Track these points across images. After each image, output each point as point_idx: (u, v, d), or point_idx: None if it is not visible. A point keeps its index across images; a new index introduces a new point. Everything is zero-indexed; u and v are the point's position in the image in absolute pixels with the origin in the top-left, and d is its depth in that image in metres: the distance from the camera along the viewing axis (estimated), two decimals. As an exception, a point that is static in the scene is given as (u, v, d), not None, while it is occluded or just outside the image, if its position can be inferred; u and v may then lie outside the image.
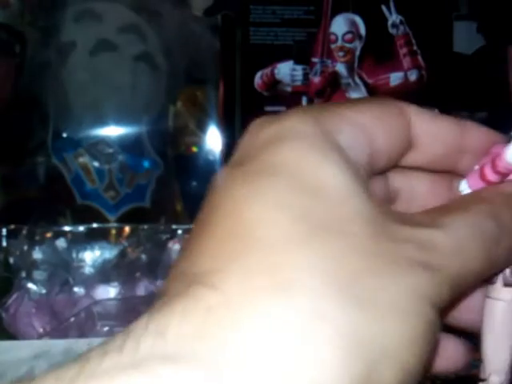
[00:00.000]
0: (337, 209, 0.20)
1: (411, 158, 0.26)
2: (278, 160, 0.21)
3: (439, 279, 0.20)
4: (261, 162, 0.21)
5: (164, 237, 0.74)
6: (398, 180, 0.27)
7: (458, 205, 0.24)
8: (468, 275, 0.22)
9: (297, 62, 0.79)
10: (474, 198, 0.25)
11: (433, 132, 0.25)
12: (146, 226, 0.76)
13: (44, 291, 0.67)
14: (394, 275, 0.20)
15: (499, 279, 0.26)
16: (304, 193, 0.20)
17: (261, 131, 0.22)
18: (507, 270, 0.26)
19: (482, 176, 0.26)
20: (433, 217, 0.22)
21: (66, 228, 0.74)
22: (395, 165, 0.26)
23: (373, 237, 0.20)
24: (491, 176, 0.26)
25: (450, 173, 0.27)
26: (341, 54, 0.80)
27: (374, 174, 0.25)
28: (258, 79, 0.79)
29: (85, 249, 0.71)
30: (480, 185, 0.26)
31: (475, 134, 0.26)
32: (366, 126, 0.23)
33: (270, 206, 0.20)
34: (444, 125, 0.26)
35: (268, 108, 0.79)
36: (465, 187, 0.27)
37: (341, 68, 0.79)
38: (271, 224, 0.19)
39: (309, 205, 0.20)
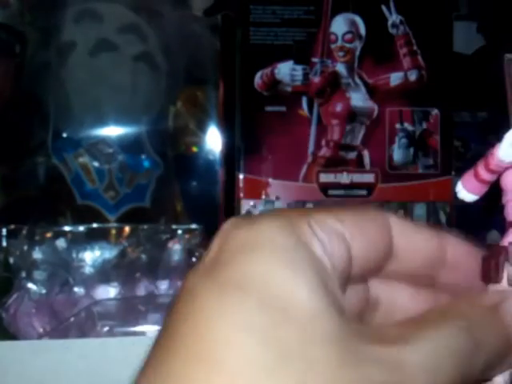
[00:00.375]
0: (303, 331, 0.20)
1: (392, 268, 0.26)
2: (247, 273, 0.21)
3: None
4: (231, 274, 0.21)
5: (164, 237, 0.74)
6: (379, 288, 0.27)
7: (434, 317, 0.23)
8: None
9: (297, 62, 0.79)
10: (452, 309, 0.24)
11: (413, 245, 0.26)
12: (145, 226, 0.76)
13: (44, 291, 0.66)
14: None
15: (504, 279, 0.26)
16: (272, 313, 0.20)
17: (233, 236, 0.22)
18: (511, 269, 0.26)
19: (476, 175, 0.26)
20: (405, 331, 0.22)
21: (66, 228, 0.74)
22: (376, 273, 0.26)
23: (337, 361, 0.20)
24: (484, 174, 0.26)
25: (431, 284, 0.27)
26: (341, 54, 0.80)
27: (354, 282, 0.25)
28: (258, 79, 0.79)
29: (85, 249, 0.71)
30: (474, 184, 0.27)
31: (455, 249, 0.26)
32: (344, 234, 0.23)
33: (237, 328, 0.19)
34: (425, 238, 0.26)
35: (268, 108, 0.79)
36: (460, 188, 0.27)
37: (341, 68, 0.79)
38: (237, 348, 0.19)
39: (275, 327, 0.20)
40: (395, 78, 0.80)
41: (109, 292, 0.68)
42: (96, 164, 0.80)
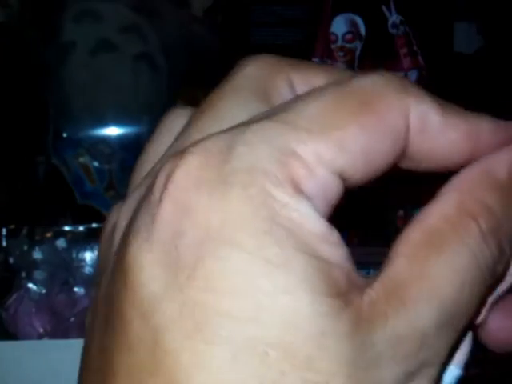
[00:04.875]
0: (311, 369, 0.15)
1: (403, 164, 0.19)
2: (225, 293, 0.15)
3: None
4: (201, 296, 0.15)
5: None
6: None
7: (434, 240, 0.17)
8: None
9: (297, 62, 0.79)
10: (462, 208, 0.17)
11: (437, 150, 0.18)
12: (146, 226, 0.76)
13: (44, 291, 0.67)
14: None
15: None
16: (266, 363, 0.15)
17: (195, 208, 0.16)
18: None
19: None
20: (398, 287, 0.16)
21: (66, 228, 0.74)
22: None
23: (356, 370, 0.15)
24: None
25: None
26: (341, 54, 0.80)
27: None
28: (258, 79, 0.79)
29: (85, 249, 0.71)
30: None
31: (491, 140, 0.19)
32: (342, 170, 0.17)
33: None
34: (453, 137, 0.18)
35: (268, 108, 0.79)
36: None
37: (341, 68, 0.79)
38: None
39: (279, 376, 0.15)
40: (395, 78, 0.80)
41: (109, 292, 0.68)
42: (96, 164, 0.80)
